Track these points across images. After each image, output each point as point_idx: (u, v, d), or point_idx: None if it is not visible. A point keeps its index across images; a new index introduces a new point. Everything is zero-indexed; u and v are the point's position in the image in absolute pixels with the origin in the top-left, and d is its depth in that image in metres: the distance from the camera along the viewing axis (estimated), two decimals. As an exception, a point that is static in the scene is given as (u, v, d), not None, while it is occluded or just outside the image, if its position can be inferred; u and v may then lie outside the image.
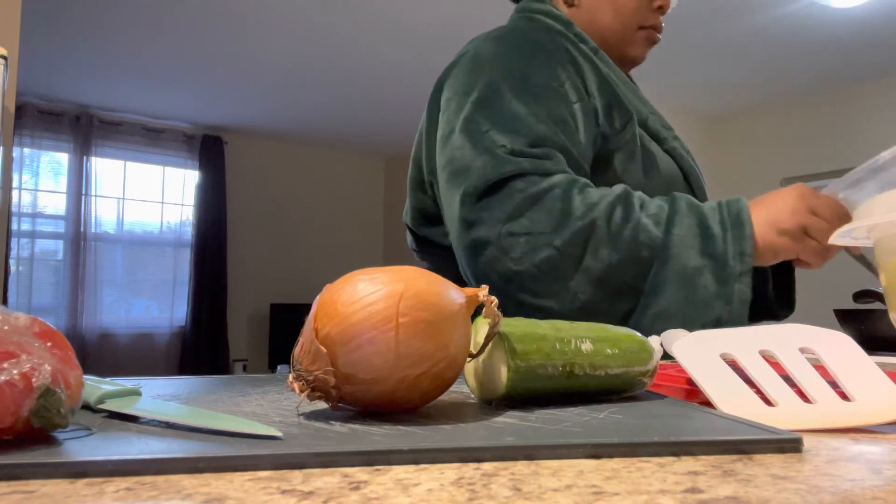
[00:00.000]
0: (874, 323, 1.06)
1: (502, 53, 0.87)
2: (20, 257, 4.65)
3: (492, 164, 0.78)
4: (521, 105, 0.82)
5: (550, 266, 0.75)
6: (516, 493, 0.25)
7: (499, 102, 0.82)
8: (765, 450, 0.32)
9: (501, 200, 0.77)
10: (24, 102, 4.56)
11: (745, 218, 0.75)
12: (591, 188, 0.78)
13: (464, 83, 0.86)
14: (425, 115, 0.94)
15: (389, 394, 0.37)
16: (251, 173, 5.75)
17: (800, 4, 3.24)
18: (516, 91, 0.83)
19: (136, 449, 0.29)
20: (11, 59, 1.93)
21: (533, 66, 0.86)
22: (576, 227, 0.75)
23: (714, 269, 0.74)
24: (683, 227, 0.75)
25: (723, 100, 4.71)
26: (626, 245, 0.75)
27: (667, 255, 0.75)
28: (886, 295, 0.46)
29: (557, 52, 0.89)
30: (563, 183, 0.77)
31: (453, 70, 0.90)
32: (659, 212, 0.77)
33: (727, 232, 0.75)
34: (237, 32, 3.55)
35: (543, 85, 0.84)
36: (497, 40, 0.89)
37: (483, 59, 0.87)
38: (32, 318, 0.33)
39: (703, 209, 0.77)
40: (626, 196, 0.78)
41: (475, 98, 0.83)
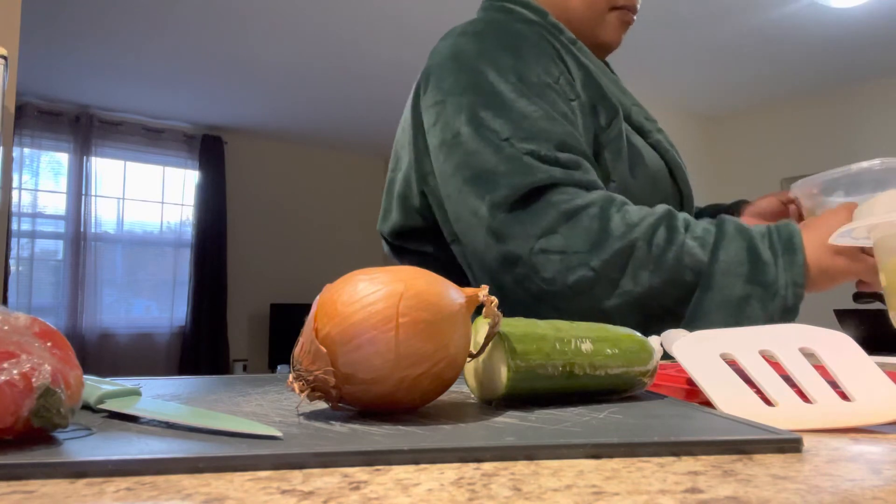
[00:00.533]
0: (874, 323, 1.06)
1: (487, 49, 0.81)
2: (20, 257, 4.65)
3: (520, 171, 0.73)
4: (529, 104, 0.77)
5: (586, 287, 0.71)
6: (516, 493, 0.25)
7: (502, 102, 0.77)
8: (765, 450, 0.32)
9: (535, 214, 0.72)
10: (24, 102, 4.56)
11: (797, 243, 0.69)
12: (629, 206, 0.74)
13: (453, 83, 0.80)
14: (408, 123, 0.88)
15: (389, 394, 0.37)
16: (251, 173, 5.75)
17: (800, 4, 3.24)
18: (517, 89, 0.78)
19: (136, 449, 0.29)
20: (11, 59, 1.93)
21: (524, 62, 0.81)
22: (615, 247, 0.70)
23: (762, 298, 0.69)
24: (731, 251, 0.70)
25: (723, 100, 4.71)
26: (668, 268, 0.70)
27: (710, 282, 0.70)
28: (886, 295, 0.46)
29: (542, 45, 0.84)
30: (601, 200, 0.73)
31: (434, 71, 0.84)
32: (705, 234, 0.72)
33: (778, 258, 0.69)
34: (237, 32, 3.55)
35: (541, 83, 0.80)
36: (477, 36, 0.83)
37: (468, 56, 0.81)
38: (32, 318, 0.33)
39: (752, 233, 0.71)
40: (669, 216, 0.73)
41: (474, 99, 0.78)
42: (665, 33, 3.53)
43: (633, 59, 3.86)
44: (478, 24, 0.85)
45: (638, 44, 3.66)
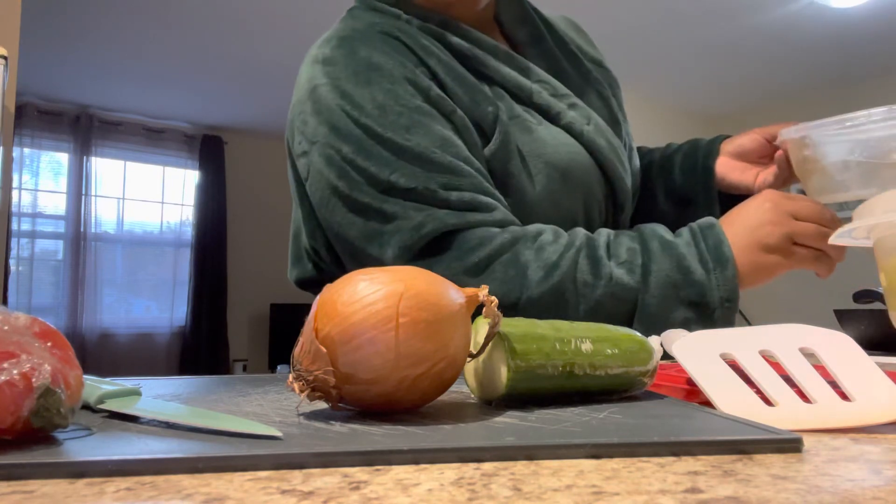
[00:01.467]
0: (874, 323, 1.06)
1: (341, 84, 0.71)
2: (20, 257, 4.65)
3: (407, 226, 0.65)
4: (399, 138, 0.68)
5: None
6: (516, 493, 0.25)
7: (370, 143, 0.68)
8: (765, 450, 0.32)
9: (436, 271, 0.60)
10: (24, 102, 4.56)
11: (727, 254, 0.65)
12: (542, 238, 0.67)
13: (315, 129, 0.71)
14: (290, 175, 0.80)
15: (389, 394, 0.37)
16: (251, 173, 5.75)
17: (799, 4, 3.24)
18: (382, 124, 0.68)
19: (136, 449, 0.29)
20: (11, 59, 1.93)
21: (384, 88, 0.70)
22: (535, 296, 0.64)
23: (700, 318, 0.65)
24: (661, 275, 0.65)
25: (723, 100, 4.71)
26: (600, 305, 0.65)
27: (648, 311, 0.65)
28: (886, 295, 0.46)
29: (402, 59, 0.73)
30: (509, 243, 0.65)
31: (295, 112, 0.75)
32: (631, 257, 0.66)
33: (710, 273, 0.65)
34: (238, 32, 3.55)
35: (409, 107, 0.70)
36: (327, 63, 0.73)
37: (323, 96, 0.71)
38: (32, 318, 0.33)
39: (679, 248, 0.66)
40: (588, 245, 0.67)
41: (340, 146, 0.69)
42: (665, 33, 3.53)
43: (633, 58, 3.86)
44: (331, 47, 0.75)
45: (638, 43, 3.66)
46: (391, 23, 0.77)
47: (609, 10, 3.26)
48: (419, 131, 0.68)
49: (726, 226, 0.67)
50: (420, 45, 0.75)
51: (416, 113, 0.69)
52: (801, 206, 0.66)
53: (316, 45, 0.77)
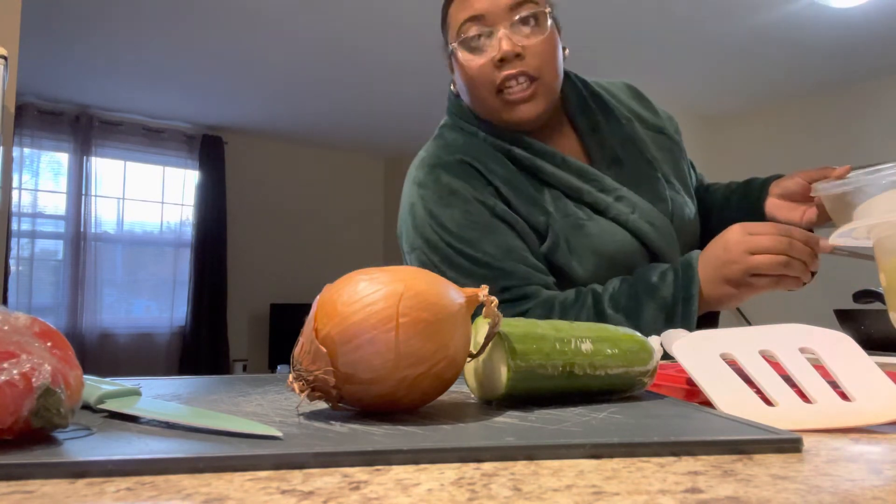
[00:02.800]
0: (874, 323, 1.06)
1: (429, 206, 0.90)
2: (20, 257, 4.65)
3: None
4: (472, 250, 0.86)
5: None
6: (516, 493, 0.25)
7: (447, 256, 0.87)
8: (765, 450, 0.32)
9: None
10: (24, 102, 4.56)
11: (693, 292, 0.80)
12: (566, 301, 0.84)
13: (411, 242, 0.91)
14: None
15: (389, 394, 0.37)
16: (251, 173, 5.74)
17: (800, 4, 3.24)
18: (457, 240, 0.87)
19: (136, 449, 0.29)
20: (11, 59, 1.93)
21: (460, 210, 0.88)
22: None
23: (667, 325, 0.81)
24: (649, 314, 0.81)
25: (723, 100, 4.71)
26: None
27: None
28: (886, 295, 0.46)
29: (475, 182, 0.90)
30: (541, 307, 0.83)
31: (402, 220, 0.94)
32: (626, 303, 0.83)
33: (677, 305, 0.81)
34: (238, 33, 3.55)
35: (479, 223, 0.88)
36: (421, 187, 0.91)
37: (418, 215, 0.91)
38: (32, 318, 0.33)
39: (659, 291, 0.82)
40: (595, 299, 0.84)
41: (426, 258, 0.89)
42: (665, 33, 3.53)
43: (633, 58, 3.86)
44: (423, 172, 0.93)
45: (638, 43, 3.66)
46: (470, 142, 0.94)
47: (609, 9, 3.26)
48: (488, 243, 0.87)
49: (702, 260, 0.81)
50: (489, 168, 0.91)
51: (485, 227, 0.88)
52: (757, 242, 0.77)
53: (414, 165, 0.95)
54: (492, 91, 0.89)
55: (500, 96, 0.89)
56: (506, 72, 0.87)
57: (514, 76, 0.87)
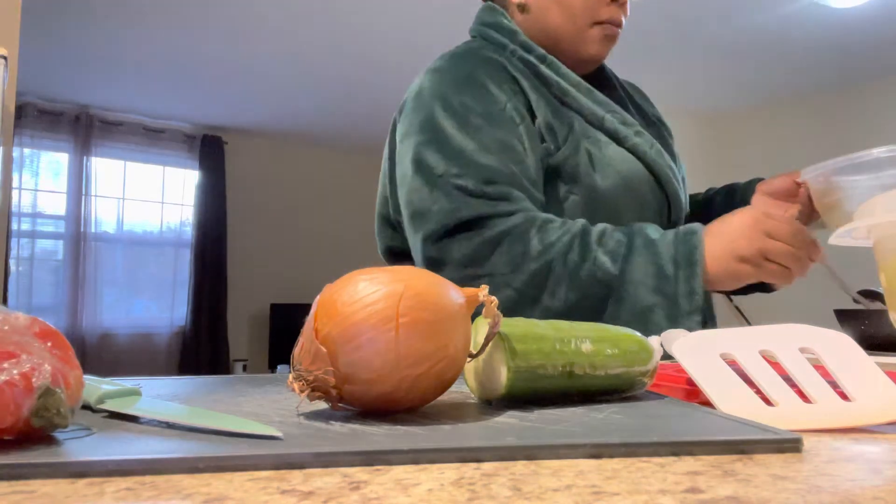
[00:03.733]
0: (874, 323, 1.06)
1: (440, 88, 0.88)
2: (20, 257, 4.65)
3: (448, 208, 0.80)
4: (467, 139, 0.83)
5: (510, 306, 0.77)
6: (516, 493, 0.25)
7: (445, 139, 0.83)
8: (765, 450, 0.32)
9: (461, 244, 0.79)
10: (24, 102, 4.56)
11: (696, 258, 0.76)
12: (550, 225, 0.79)
13: (411, 122, 0.88)
14: (386, 153, 0.95)
15: (389, 394, 0.37)
16: (251, 173, 5.74)
17: (800, 4, 3.24)
18: (459, 125, 0.84)
19: (136, 449, 0.29)
20: (11, 59, 1.93)
21: (470, 94, 0.86)
22: (532, 268, 0.77)
23: (666, 307, 0.76)
24: (638, 265, 0.76)
25: (723, 100, 4.71)
26: (583, 283, 0.77)
27: (622, 293, 0.76)
28: (886, 295, 0.46)
29: (495, 74, 0.89)
30: (521, 223, 0.79)
31: (404, 107, 0.91)
32: (616, 247, 0.78)
33: (679, 270, 0.76)
34: (238, 33, 3.55)
35: (485, 113, 0.85)
36: (437, 73, 0.90)
37: (424, 95, 0.88)
38: (32, 318, 0.33)
39: (658, 247, 0.77)
40: (583, 233, 0.79)
41: (422, 138, 0.85)
42: (666, 33, 3.53)
43: (633, 58, 3.86)
44: (444, 60, 0.93)
45: (639, 43, 3.66)
46: (498, 50, 0.94)
47: (609, 10, 3.27)
48: (488, 135, 0.84)
49: (709, 234, 0.77)
50: (518, 68, 0.92)
51: (493, 119, 0.85)
52: (776, 227, 0.75)
53: (432, 62, 0.94)
54: (589, 21, 0.94)
55: (598, 28, 0.94)
56: (614, 11, 0.94)
57: (618, 17, 0.95)
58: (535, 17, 0.96)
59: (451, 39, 3.19)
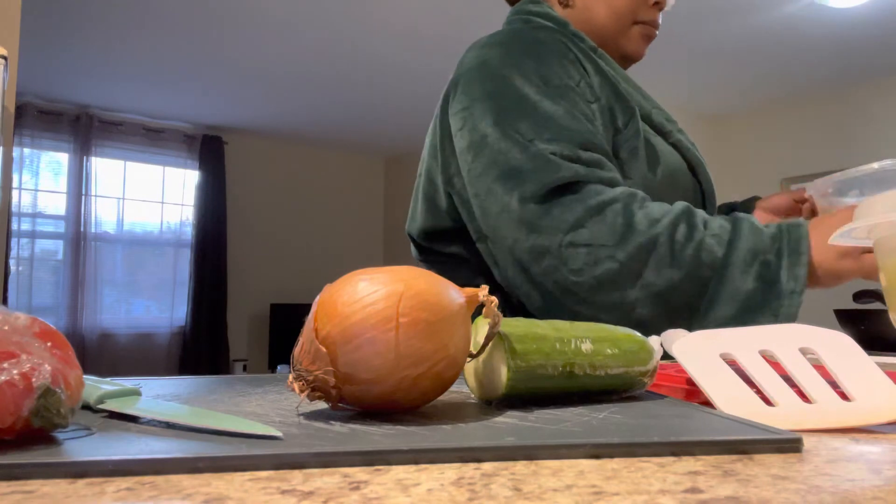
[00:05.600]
0: (874, 323, 1.06)
1: (511, 57, 0.86)
2: (20, 257, 4.65)
3: (546, 168, 0.77)
4: (554, 105, 0.82)
5: (610, 279, 0.75)
6: (516, 493, 0.25)
7: (527, 106, 0.81)
8: (765, 450, 0.32)
9: (563, 208, 0.76)
10: (24, 102, 4.56)
11: (803, 248, 0.73)
12: (650, 203, 0.78)
13: (480, 90, 0.85)
14: (437, 127, 0.92)
15: (389, 394, 0.37)
16: (251, 173, 5.75)
17: (800, 4, 3.24)
18: (542, 92, 0.82)
19: (136, 449, 0.29)
20: (11, 59, 1.93)
21: (547, 67, 0.85)
22: (638, 242, 0.75)
23: (766, 294, 0.74)
24: (743, 250, 0.74)
25: (723, 100, 4.71)
26: (688, 263, 0.74)
27: (724, 276, 0.74)
28: (886, 295, 0.46)
29: (563, 51, 0.89)
30: (624, 196, 0.77)
31: (462, 80, 0.88)
32: (721, 232, 0.76)
33: (783, 259, 0.74)
34: (238, 33, 3.55)
35: (563, 85, 0.84)
36: (502, 45, 0.88)
37: (493, 64, 0.86)
38: (32, 318, 0.33)
39: (764, 234, 0.75)
40: (688, 213, 0.77)
41: (500, 103, 0.82)
42: (666, 33, 3.53)
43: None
44: (501, 35, 0.90)
45: (638, 44, 3.66)
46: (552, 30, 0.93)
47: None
48: (568, 103, 0.83)
49: (812, 227, 0.75)
50: (578, 48, 0.91)
51: (568, 90, 0.84)
52: None
53: (483, 39, 0.91)
54: (631, 20, 0.98)
55: (639, 27, 0.98)
56: (655, 13, 0.99)
57: (657, 20, 1.00)
58: (579, 13, 0.98)
59: (451, 39, 3.20)
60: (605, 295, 0.75)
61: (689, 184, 0.94)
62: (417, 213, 0.96)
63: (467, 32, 3.41)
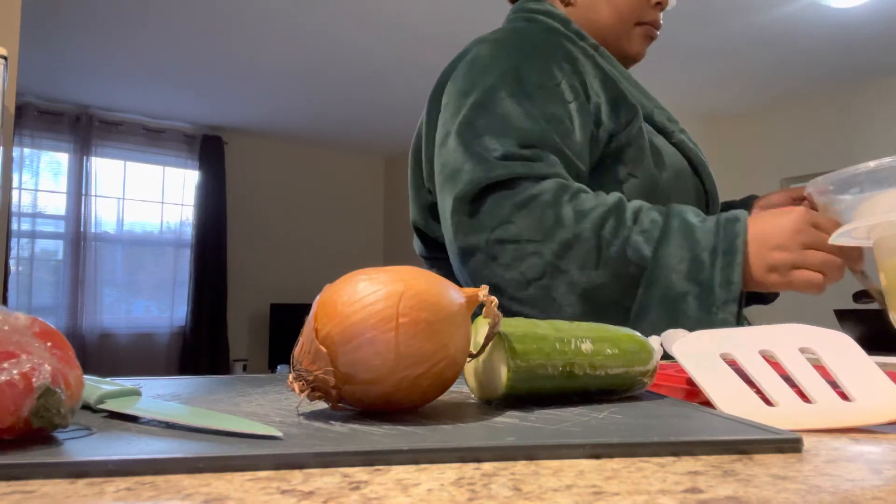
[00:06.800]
0: (874, 323, 1.06)
1: (498, 56, 0.87)
2: (20, 257, 4.65)
3: (481, 168, 0.78)
4: (515, 105, 0.82)
5: (536, 275, 0.74)
6: (516, 493, 0.25)
7: (493, 104, 0.82)
8: (765, 450, 0.32)
9: (491, 207, 0.77)
10: (24, 102, 4.56)
11: (737, 247, 0.72)
12: (583, 195, 0.76)
13: (460, 86, 0.86)
14: (425, 116, 0.94)
15: (389, 394, 0.37)
16: (251, 173, 5.74)
17: (800, 4, 3.24)
18: (511, 92, 0.83)
19: (136, 449, 0.29)
20: (11, 59, 1.93)
21: (528, 67, 0.86)
22: (563, 237, 0.74)
23: (699, 296, 0.72)
24: (673, 247, 0.73)
25: (723, 100, 4.71)
26: (612, 261, 0.74)
27: (653, 277, 0.73)
28: (886, 295, 0.46)
29: (555, 52, 0.89)
30: (554, 189, 0.76)
31: (453, 73, 0.90)
32: (651, 227, 0.74)
33: (717, 258, 0.72)
34: (238, 33, 3.55)
35: (538, 84, 0.85)
36: (494, 43, 0.89)
37: (480, 61, 0.87)
38: (32, 318, 0.33)
39: (696, 232, 0.73)
40: (618, 207, 0.76)
41: (471, 101, 0.83)
42: (666, 33, 3.53)
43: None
44: (499, 32, 0.92)
45: (638, 44, 3.66)
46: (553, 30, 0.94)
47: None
48: (532, 104, 0.82)
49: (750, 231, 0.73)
50: (578, 47, 0.92)
51: (540, 90, 0.84)
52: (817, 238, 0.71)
53: (482, 36, 0.92)
54: (634, 20, 0.98)
55: (641, 28, 0.98)
56: (656, 14, 0.99)
57: (659, 21, 0.99)
58: (581, 12, 0.98)
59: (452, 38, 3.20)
60: (531, 291, 0.75)
61: (693, 183, 0.94)
62: (410, 201, 0.99)
63: (468, 32, 3.41)
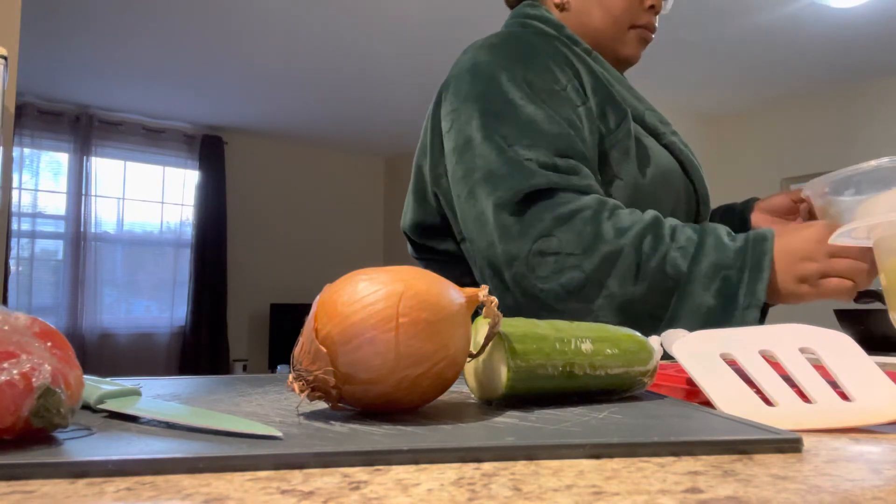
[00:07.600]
0: (874, 323, 1.06)
1: (501, 61, 0.87)
2: (20, 257, 4.65)
3: (521, 175, 0.79)
4: (536, 109, 0.83)
5: (576, 288, 0.76)
6: (516, 493, 0.25)
7: (511, 110, 0.83)
8: (765, 450, 0.32)
9: (534, 216, 0.78)
10: (24, 102, 4.56)
11: (764, 265, 0.74)
12: (621, 211, 0.79)
13: (468, 92, 0.86)
14: (428, 126, 0.94)
15: (389, 394, 0.37)
16: (251, 173, 5.75)
17: (800, 4, 3.24)
18: (527, 96, 0.84)
19: (136, 449, 0.29)
20: (11, 59, 1.93)
21: (534, 71, 0.86)
22: (605, 251, 0.76)
23: (725, 310, 0.75)
24: (706, 265, 0.75)
25: (723, 100, 4.71)
26: (651, 275, 0.76)
27: (686, 291, 0.75)
28: (886, 295, 0.46)
29: (554, 55, 0.90)
30: (594, 204, 0.78)
31: (453, 81, 0.90)
32: (687, 245, 0.76)
33: (744, 274, 0.74)
34: (238, 33, 3.55)
35: (548, 89, 0.86)
36: (493, 48, 0.90)
37: (483, 67, 0.87)
38: (32, 318, 0.33)
39: (728, 249, 0.76)
40: (656, 224, 0.78)
41: (485, 107, 0.84)
42: (666, 33, 3.53)
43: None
44: (495, 38, 0.92)
45: (638, 44, 3.66)
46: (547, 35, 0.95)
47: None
48: (551, 108, 0.84)
49: (777, 247, 0.75)
50: (572, 51, 0.93)
51: (553, 94, 0.86)
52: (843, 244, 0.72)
53: (478, 42, 0.92)
54: (627, 24, 0.98)
55: (635, 31, 0.99)
56: (651, 17, 1.00)
57: (653, 24, 1.01)
58: (575, 16, 0.99)
59: (452, 39, 3.21)
60: (569, 303, 0.77)
61: (682, 184, 0.94)
62: (409, 208, 0.98)
63: (468, 33, 3.41)
